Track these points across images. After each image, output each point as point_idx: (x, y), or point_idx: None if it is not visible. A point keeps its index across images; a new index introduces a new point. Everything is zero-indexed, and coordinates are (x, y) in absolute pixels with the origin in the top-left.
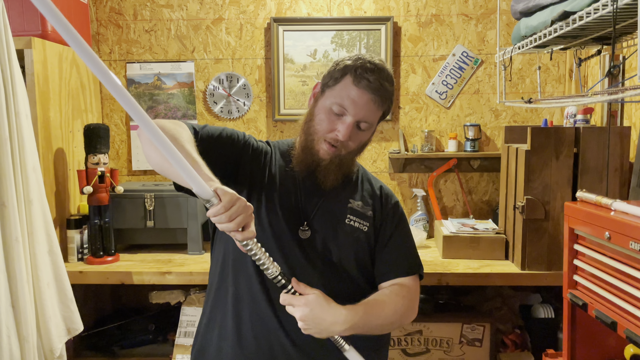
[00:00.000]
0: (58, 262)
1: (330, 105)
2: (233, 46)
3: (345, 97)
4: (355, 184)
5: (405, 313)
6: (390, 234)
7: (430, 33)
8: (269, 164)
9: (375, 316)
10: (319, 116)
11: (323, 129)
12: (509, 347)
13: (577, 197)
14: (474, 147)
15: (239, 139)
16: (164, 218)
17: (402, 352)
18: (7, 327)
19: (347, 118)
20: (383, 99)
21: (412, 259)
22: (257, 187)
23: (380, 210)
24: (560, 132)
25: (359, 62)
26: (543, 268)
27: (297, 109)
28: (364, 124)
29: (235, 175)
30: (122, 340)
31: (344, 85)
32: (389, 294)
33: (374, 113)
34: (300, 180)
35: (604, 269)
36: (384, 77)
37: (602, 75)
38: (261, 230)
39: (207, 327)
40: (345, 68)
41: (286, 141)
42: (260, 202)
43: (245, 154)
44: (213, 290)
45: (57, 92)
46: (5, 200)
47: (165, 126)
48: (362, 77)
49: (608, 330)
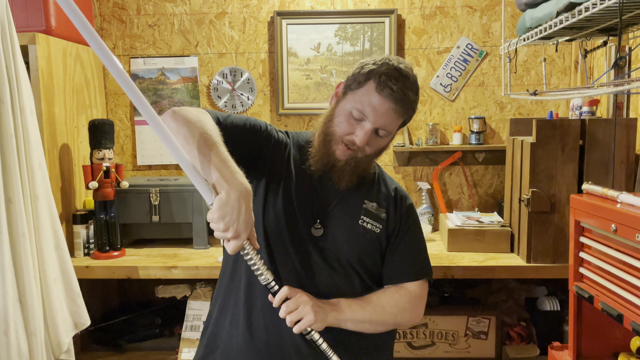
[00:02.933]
0: (65, 257)
1: (351, 109)
2: (236, 40)
3: (367, 104)
4: (372, 184)
5: (402, 316)
6: (401, 238)
7: (434, 25)
8: (287, 158)
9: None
10: (339, 118)
11: (341, 130)
12: (515, 339)
13: (583, 189)
14: (478, 139)
15: (262, 129)
16: (169, 213)
17: (407, 345)
18: (15, 322)
19: (366, 124)
20: (405, 108)
21: (420, 264)
22: (275, 178)
23: (394, 213)
24: (565, 124)
25: (384, 67)
26: (549, 261)
27: (301, 102)
28: (382, 131)
29: (255, 164)
30: (129, 334)
31: (366, 90)
32: (387, 295)
33: (393, 122)
34: (315, 178)
35: (610, 261)
36: (408, 86)
37: (608, 66)
38: (276, 220)
39: (220, 312)
40: (369, 73)
41: (304, 135)
42: (278, 193)
43: (267, 144)
44: (227, 278)
45: (62, 87)
46: (11, 196)
47: (190, 117)
48: (386, 85)
49: (614, 323)
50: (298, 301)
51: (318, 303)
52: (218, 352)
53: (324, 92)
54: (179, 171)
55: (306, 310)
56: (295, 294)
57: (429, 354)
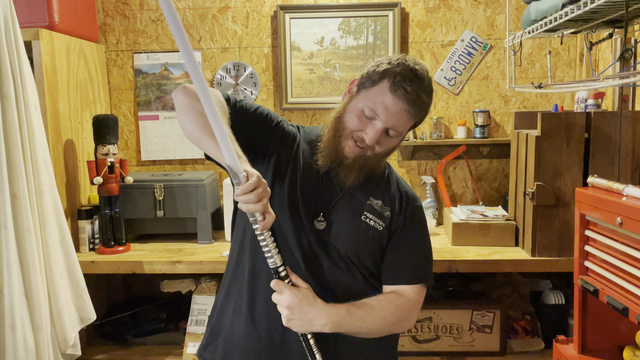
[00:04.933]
0: (70, 252)
1: (363, 107)
2: (240, 35)
3: (379, 103)
4: (380, 182)
5: (396, 322)
6: (402, 238)
7: (438, 18)
8: (295, 151)
9: (359, 319)
10: (350, 114)
11: (352, 126)
12: (519, 333)
13: (589, 182)
14: (483, 133)
15: (272, 120)
16: (173, 208)
17: (412, 339)
18: (21, 317)
19: (377, 123)
20: (417, 110)
21: (419, 268)
22: (281, 170)
23: (398, 213)
24: (571, 117)
25: (398, 68)
26: (553, 254)
27: (304, 97)
28: (393, 131)
29: (260, 153)
30: (135, 329)
31: (380, 89)
32: (381, 300)
33: (405, 123)
34: (322, 172)
35: (616, 254)
36: (422, 88)
37: (614, 59)
38: (281, 210)
39: (225, 300)
40: (384, 72)
41: (315, 129)
42: (283, 184)
43: (275, 135)
44: (232, 265)
45: (66, 83)
46: (16, 191)
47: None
48: (400, 85)
49: (619, 316)
50: (284, 299)
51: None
52: (221, 338)
53: (327, 86)
54: (183, 166)
55: (283, 312)
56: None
57: (434, 348)
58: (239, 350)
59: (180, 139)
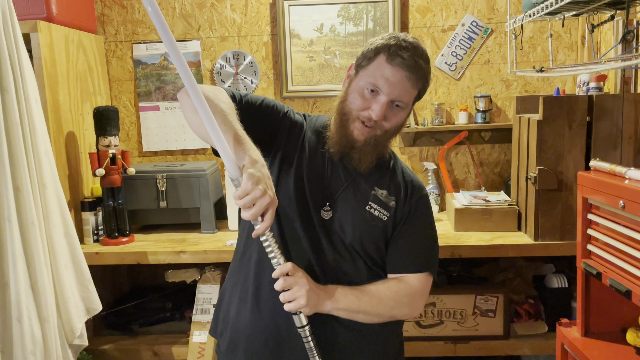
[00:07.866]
0: (74, 244)
1: (364, 85)
2: (239, 23)
3: (379, 77)
4: (385, 172)
5: (395, 306)
6: (407, 228)
7: (438, 3)
8: (302, 141)
9: (355, 296)
10: (353, 95)
11: (356, 107)
12: (523, 317)
13: (591, 166)
14: (484, 118)
15: (278, 110)
16: (176, 198)
17: (415, 324)
18: (28, 309)
19: (382, 97)
20: (418, 76)
21: (423, 257)
22: (288, 160)
23: (403, 202)
24: (572, 101)
25: (392, 40)
26: (556, 238)
27: (305, 85)
28: (398, 103)
29: (271, 144)
30: (141, 319)
31: (377, 64)
32: (379, 284)
33: (408, 92)
34: (329, 162)
35: (618, 237)
36: (419, 55)
37: (616, 41)
38: (288, 201)
39: (232, 288)
40: (379, 48)
41: (321, 119)
42: (290, 175)
43: (283, 126)
44: (239, 255)
45: (65, 75)
46: (19, 184)
47: (206, 93)
48: (396, 54)
49: (622, 299)
50: (296, 281)
51: (314, 289)
52: (229, 326)
53: (327, 73)
54: (184, 157)
55: (301, 293)
56: (295, 273)
57: (438, 333)
58: (245, 339)
59: (181, 130)
